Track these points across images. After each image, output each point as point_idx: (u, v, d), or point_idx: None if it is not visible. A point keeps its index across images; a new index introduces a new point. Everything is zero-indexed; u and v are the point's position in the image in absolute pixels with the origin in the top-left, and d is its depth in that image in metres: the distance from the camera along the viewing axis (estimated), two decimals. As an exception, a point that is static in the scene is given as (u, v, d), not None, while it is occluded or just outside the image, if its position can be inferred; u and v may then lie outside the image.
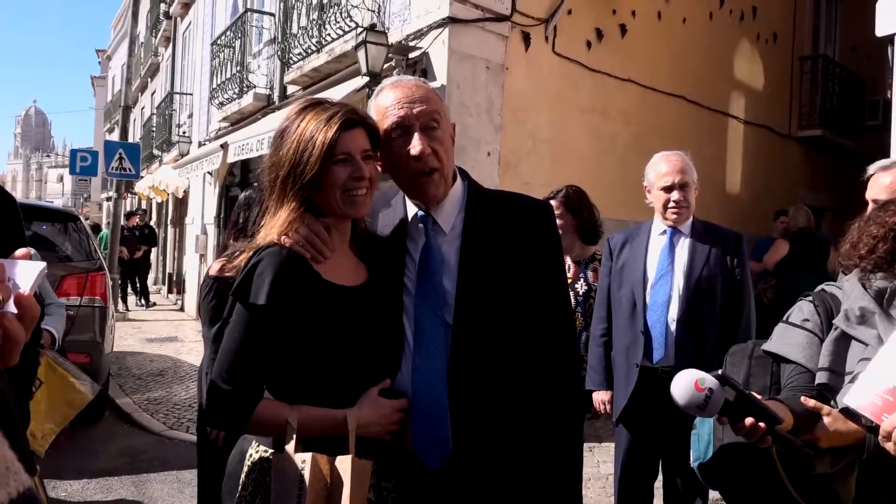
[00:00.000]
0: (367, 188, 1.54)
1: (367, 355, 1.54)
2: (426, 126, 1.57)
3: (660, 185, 3.02)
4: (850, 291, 1.75)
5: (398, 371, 1.61)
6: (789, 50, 10.84)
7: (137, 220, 15.16)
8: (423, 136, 1.56)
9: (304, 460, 1.40)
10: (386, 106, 1.60)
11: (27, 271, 0.93)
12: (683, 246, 3.02)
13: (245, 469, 1.53)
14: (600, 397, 3.22)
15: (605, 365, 3.20)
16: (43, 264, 0.95)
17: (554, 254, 1.69)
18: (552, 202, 3.55)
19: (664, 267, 3.02)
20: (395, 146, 1.58)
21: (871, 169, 2.38)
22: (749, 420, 1.40)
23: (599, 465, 5.16)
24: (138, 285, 14.71)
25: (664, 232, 3.06)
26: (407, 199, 1.69)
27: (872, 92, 12.14)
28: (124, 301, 13.60)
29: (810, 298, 1.88)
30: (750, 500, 1.74)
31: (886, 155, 4.20)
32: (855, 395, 1.49)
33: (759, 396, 1.44)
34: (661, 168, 3.04)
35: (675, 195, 2.98)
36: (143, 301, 14.63)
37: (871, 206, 2.14)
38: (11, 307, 0.87)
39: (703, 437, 1.96)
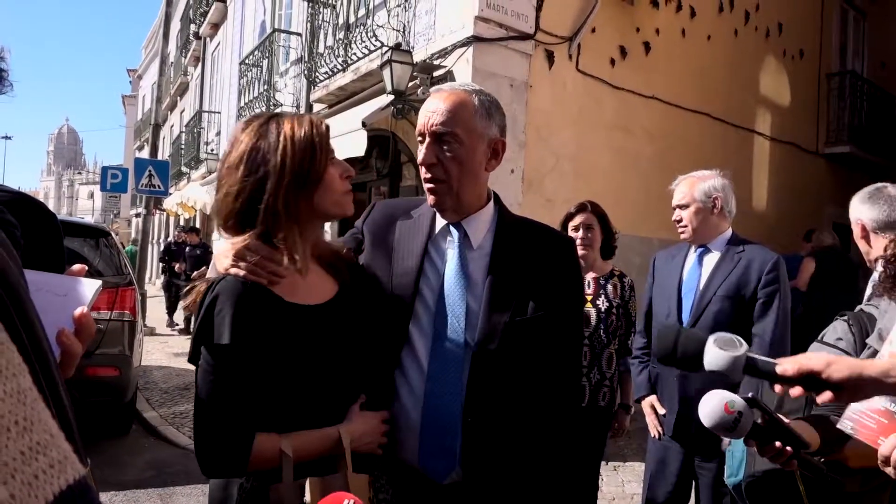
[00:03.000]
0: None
1: (343, 372, 1.50)
2: (439, 138, 1.57)
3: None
4: (885, 310, 1.74)
5: (391, 380, 1.60)
6: (816, 66, 10.76)
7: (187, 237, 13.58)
8: (433, 146, 1.57)
9: (301, 486, 1.38)
10: (421, 109, 1.64)
11: (84, 288, 0.96)
12: (709, 264, 3.04)
13: (236, 498, 1.44)
14: (649, 401, 3.17)
15: (647, 376, 3.23)
16: (99, 282, 0.97)
17: (577, 290, 1.71)
18: (584, 215, 3.56)
19: (690, 284, 3.06)
20: (418, 152, 1.63)
21: None
22: (777, 444, 1.39)
23: (624, 484, 5.11)
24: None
25: (697, 250, 3.11)
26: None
27: (903, 108, 11.98)
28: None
29: (846, 318, 1.86)
30: None
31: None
32: (847, 419, 1.46)
33: (787, 420, 1.42)
34: (674, 189, 3.17)
35: (675, 214, 3.11)
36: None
37: None
38: (70, 324, 0.90)
39: (737, 455, 1.94)
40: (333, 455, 1.44)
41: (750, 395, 1.38)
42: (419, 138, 1.62)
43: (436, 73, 6.66)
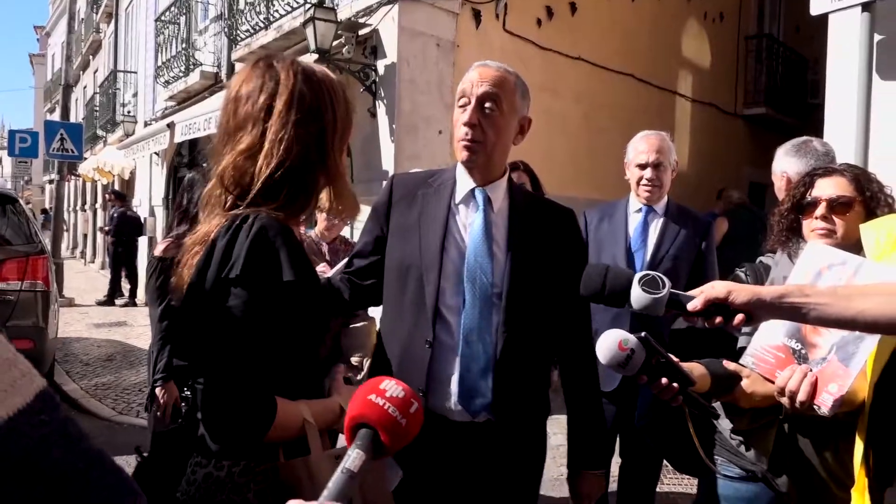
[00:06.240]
0: None
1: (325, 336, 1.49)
2: (482, 103, 1.76)
3: (635, 162, 3.07)
4: (778, 261, 1.88)
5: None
6: (735, 29, 11.06)
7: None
8: (477, 110, 1.76)
9: (337, 457, 1.11)
10: (463, 79, 1.82)
11: None
12: (657, 225, 3.08)
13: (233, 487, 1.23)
14: None
15: None
16: None
17: (581, 255, 1.96)
18: (516, 174, 3.55)
19: (637, 244, 3.08)
20: (457, 113, 1.81)
21: None
22: (664, 380, 1.48)
23: (550, 436, 5.22)
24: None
25: (640, 210, 3.11)
26: (459, 178, 1.88)
27: (814, 71, 12.43)
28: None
29: (744, 269, 2.01)
30: (681, 458, 1.84)
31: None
32: (749, 355, 1.59)
33: (676, 359, 1.52)
34: (640, 146, 3.08)
35: (647, 173, 3.02)
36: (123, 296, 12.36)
37: None
38: None
39: (647, 399, 2.04)
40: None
41: (643, 334, 1.46)
42: (461, 102, 1.79)
43: (361, 32, 6.51)
